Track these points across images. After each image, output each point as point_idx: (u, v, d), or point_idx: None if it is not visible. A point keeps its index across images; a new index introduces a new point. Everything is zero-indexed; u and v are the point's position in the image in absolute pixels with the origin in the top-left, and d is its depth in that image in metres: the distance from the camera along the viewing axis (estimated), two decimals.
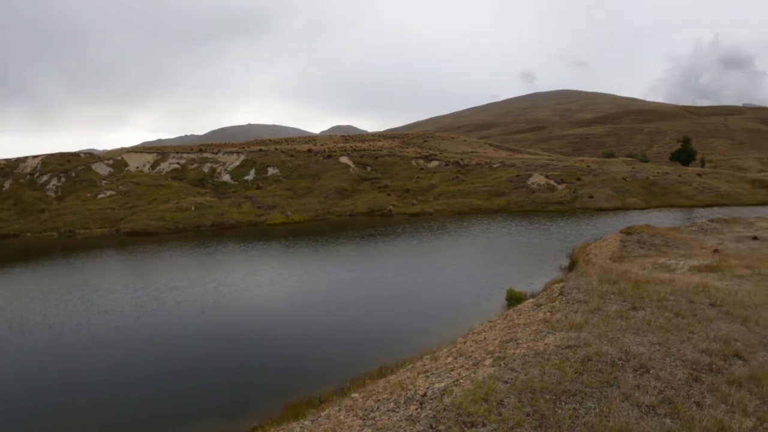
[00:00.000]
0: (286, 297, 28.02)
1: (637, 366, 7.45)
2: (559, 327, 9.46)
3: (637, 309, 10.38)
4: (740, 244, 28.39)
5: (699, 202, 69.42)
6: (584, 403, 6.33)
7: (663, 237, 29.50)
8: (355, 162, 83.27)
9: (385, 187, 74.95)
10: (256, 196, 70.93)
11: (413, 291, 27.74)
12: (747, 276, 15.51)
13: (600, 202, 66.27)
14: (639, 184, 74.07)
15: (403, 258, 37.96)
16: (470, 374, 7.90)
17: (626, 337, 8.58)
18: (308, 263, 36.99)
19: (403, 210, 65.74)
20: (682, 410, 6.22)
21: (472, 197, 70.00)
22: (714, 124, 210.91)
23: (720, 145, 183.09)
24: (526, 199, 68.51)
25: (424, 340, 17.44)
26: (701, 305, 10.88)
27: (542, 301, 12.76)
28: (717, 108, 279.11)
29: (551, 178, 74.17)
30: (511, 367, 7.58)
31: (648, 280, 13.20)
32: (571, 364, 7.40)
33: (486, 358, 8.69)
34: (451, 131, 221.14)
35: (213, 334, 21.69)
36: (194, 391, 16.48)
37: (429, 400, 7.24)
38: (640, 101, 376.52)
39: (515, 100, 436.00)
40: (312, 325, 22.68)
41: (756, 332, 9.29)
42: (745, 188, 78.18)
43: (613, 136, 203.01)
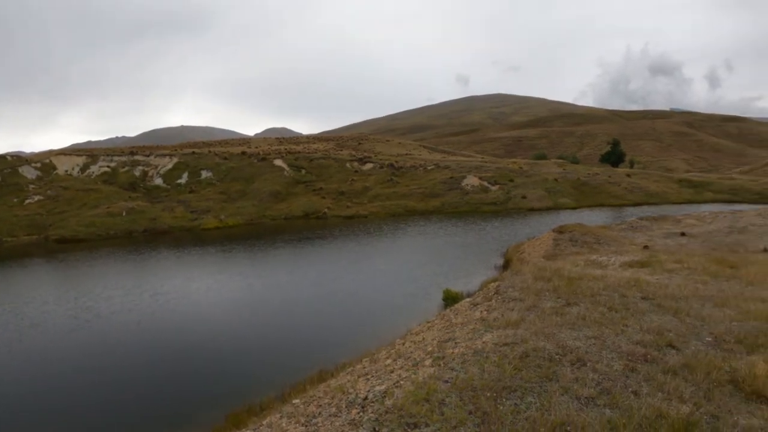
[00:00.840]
0: (225, 303, 27.71)
1: (575, 360, 7.65)
2: (497, 325, 9.58)
3: (571, 305, 10.67)
4: (669, 241, 29.84)
5: (628, 201, 73.02)
6: (525, 399, 6.45)
7: (594, 235, 30.61)
8: (290, 165, 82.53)
9: (319, 189, 74.69)
10: (189, 200, 69.16)
11: (352, 293, 28.03)
12: (676, 270, 16.19)
13: (532, 203, 68.31)
14: (570, 185, 76.81)
15: (341, 260, 38.10)
16: (410, 375, 7.89)
17: (562, 333, 8.81)
18: (246, 268, 36.58)
19: (338, 213, 65.74)
20: (621, 400, 6.41)
21: (406, 199, 70.65)
22: (642, 128, 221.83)
23: (648, 147, 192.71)
24: (461, 201, 69.78)
25: (363, 343, 17.44)
26: (634, 299, 11.29)
27: (479, 300, 12.89)
28: (645, 112, 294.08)
29: (485, 180, 75.84)
30: (450, 367, 7.62)
31: (581, 276, 13.60)
32: (509, 360, 7.52)
33: (425, 359, 8.70)
34: (386, 133, 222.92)
35: (151, 345, 21.24)
36: (133, 404, 16.09)
37: (370, 403, 7.18)
38: (571, 105, 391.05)
39: (450, 103, 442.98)
40: (251, 332, 22.55)
41: (687, 323, 9.69)
42: (673, 188, 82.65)
43: (545, 138, 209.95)
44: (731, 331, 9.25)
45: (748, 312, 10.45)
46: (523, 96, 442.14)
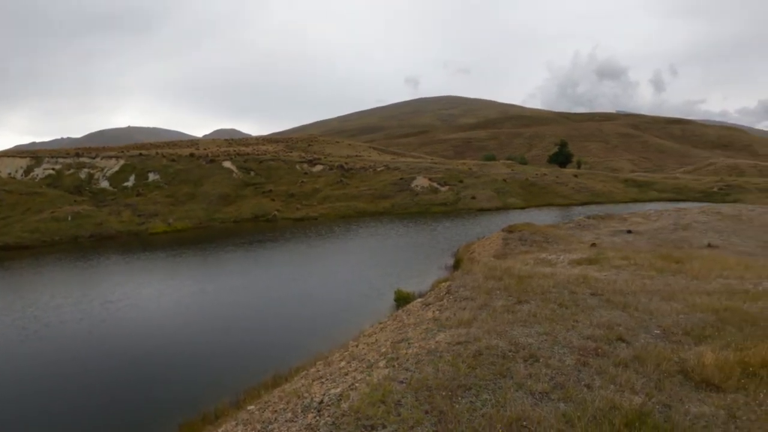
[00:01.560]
0: (178, 309, 27.19)
1: (527, 356, 7.79)
2: (449, 324, 9.67)
3: (522, 302, 10.86)
4: (616, 238, 30.72)
5: (576, 201, 75.15)
6: (480, 396, 6.53)
7: (543, 234, 31.25)
8: (239, 167, 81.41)
9: (269, 192, 73.95)
10: (136, 203, 67.24)
11: (305, 295, 28.03)
12: (624, 266, 16.68)
13: (482, 203, 69.39)
14: (519, 185, 78.36)
15: (293, 263, 37.97)
16: (365, 377, 7.89)
17: (514, 330, 8.95)
18: (198, 273, 35.91)
19: (288, 215, 65.28)
20: (574, 393, 6.57)
21: (356, 201, 70.71)
22: (589, 129, 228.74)
23: (595, 148, 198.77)
24: (410, 202, 70.28)
25: (317, 345, 17.34)
26: (583, 295, 11.58)
27: (431, 300, 12.98)
28: (592, 114, 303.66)
29: (434, 181, 76.59)
30: (405, 367, 7.65)
31: (531, 274, 13.85)
32: (463, 359, 7.60)
33: (379, 360, 8.71)
34: (337, 135, 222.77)
35: (103, 354, 20.62)
36: (83, 416, 15.61)
37: (326, 406, 7.14)
38: (520, 107, 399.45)
39: (400, 105, 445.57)
40: (205, 337, 22.25)
41: (636, 317, 10.00)
42: (619, 187, 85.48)
43: (494, 140, 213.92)
44: (679, 324, 9.61)
45: (694, 305, 10.87)
46: (472, 98, 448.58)
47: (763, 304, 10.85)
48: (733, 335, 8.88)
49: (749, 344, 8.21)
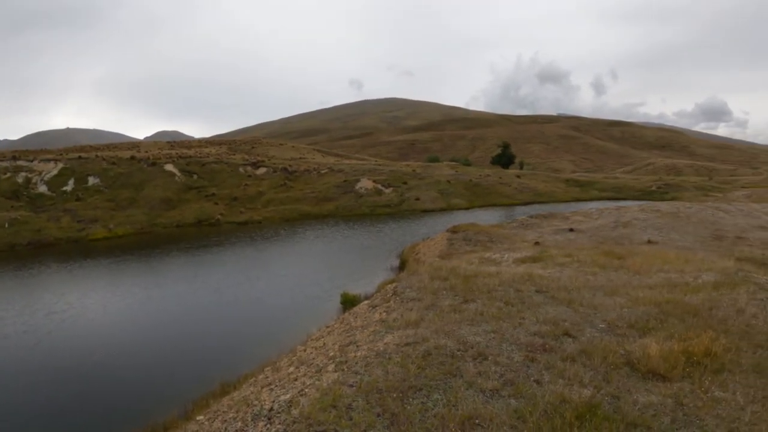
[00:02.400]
0: (124, 318, 26.38)
1: (476, 354, 7.89)
2: (397, 326, 9.69)
3: (469, 302, 10.98)
4: (558, 236, 31.44)
5: (519, 201, 76.79)
6: (431, 396, 6.58)
7: (487, 233, 31.71)
8: (181, 170, 79.46)
9: (212, 195, 72.54)
10: (76, 208, 64.59)
11: (252, 300, 27.76)
12: (567, 263, 17.08)
13: (426, 204, 70.00)
14: (462, 186, 79.40)
15: (240, 267, 37.39)
16: (314, 382, 7.83)
17: (462, 329, 9.05)
18: (143, 280, 34.73)
19: (232, 219, 64.18)
20: (524, 389, 6.71)
21: (300, 203, 70.21)
22: (531, 131, 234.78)
23: (537, 149, 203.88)
24: (355, 204, 70.25)
25: (265, 351, 17.12)
26: (528, 293, 11.82)
27: (377, 302, 12.99)
28: (534, 117, 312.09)
29: (379, 183, 76.80)
30: (354, 371, 7.64)
31: (476, 274, 14.02)
32: (412, 360, 7.65)
33: (328, 364, 8.65)
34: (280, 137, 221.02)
35: (48, 368, 19.80)
36: None
37: (277, 414, 7.03)
38: (463, 110, 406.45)
39: (344, 107, 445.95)
40: (153, 346, 21.74)
41: (581, 312, 10.29)
42: (560, 187, 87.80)
43: (438, 142, 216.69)
44: (623, 317, 9.95)
45: (636, 299, 11.26)
46: (416, 100, 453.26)
47: (703, 296, 11.32)
48: (676, 326, 9.28)
49: (692, 334, 8.59)
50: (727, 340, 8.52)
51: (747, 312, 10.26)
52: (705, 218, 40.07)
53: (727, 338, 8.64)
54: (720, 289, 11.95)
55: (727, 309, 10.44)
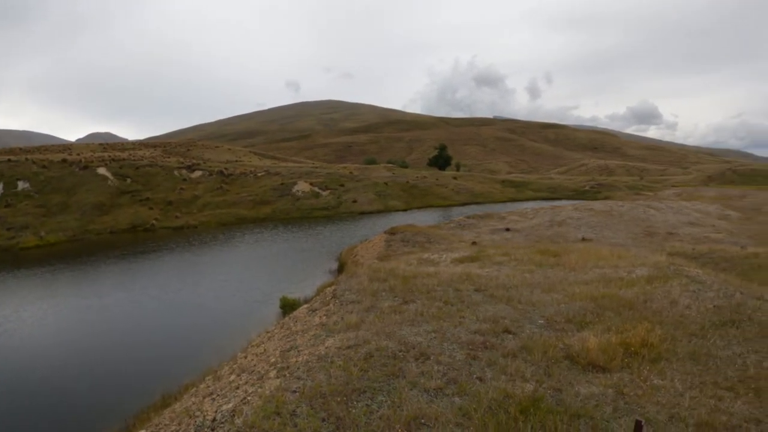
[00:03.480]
0: (61, 330, 25.41)
1: (418, 355, 7.95)
2: (337, 329, 9.66)
3: (408, 302, 11.07)
4: (495, 236, 32.10)
5: (455, 202, 78.10)
6: (375, 398, 6.60)
7: (425, 234, 32.05)
8: (115, 173, 76.75)
9: (146, 200, 70.40)
10: (5, 215, 61.32)
11: (192, 306, 27.33)
12: (504, 262, 17.45)
13: (364, 206, 70.19)
14: (400, 188, 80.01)
15: (179, 274, 36.52)
16: (257, 389, 7.70)
17: (403, 330, 9.10)
18: (81, 290, 33.35)
19: (167, 224, 62.48)
20: (468, 387, 6.80)
21: (237, 207, 69.17)
22: (468, 134, 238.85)
23: (473, 151, 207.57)
24: (292, 207, 69.78)
25: (206, 359, 16.77)
26: (467, 292, 12.00)
27: (317, 306, 12.93)
28: (471, 119, 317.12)
29: (316, 185, 76.53)
30: (296, 376, 7.56)
31: (415, 274, 14.14)
32: (355, 363, 7.65)
33: (270, 371, 8.53)
34: (216, 139, 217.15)
35: None
36: None
37: (219, 424, 6.86)
38: (401, 112, 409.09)
39: (281, 109, 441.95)
40: (91, 359, 20.98)
41: (519, 309, 10.53)
42: (496, 188, 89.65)
43: (375, 144, 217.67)
44: (561, 313, 10.25)
45: (573, 294, 11.61)
46: (354, 102, 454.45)
47: (637, 290, 11.78)
48: (613, 319, 9.65)
49: (628, 327, 8.95)
50: (663, 331, 8.92)
51: (680, 303, 10.73)
52: (637, 216, 41.73)
53: (663, 329, 9.05)
54: (653, 283, 12.45)
55: (661, 301, 10.89)
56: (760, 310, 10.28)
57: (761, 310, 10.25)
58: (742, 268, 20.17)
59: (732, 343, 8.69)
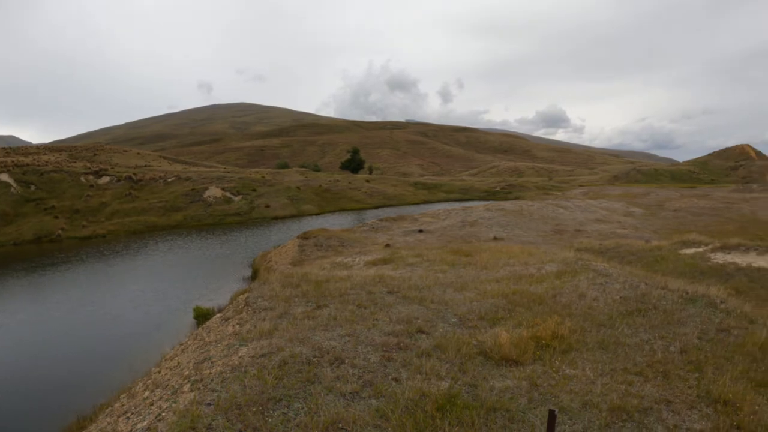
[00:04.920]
0: None
1: (333, 359, 7.92)
2: (250, 337, 9.50)
3: (322, 307, 11.02)
4: (409, 238, 32.47)
5: (369, 205, 78.75)
6: (292, 406, 6.54)
7: (338, 238, 32.03)
8: (18, 180, 72.01)
9: (52, 208, 66.53)
10: None
11: (106, 321, 26.13)
12: (417, 263, 17.71)
13: (276, 211, 69.55)
14: (312, 192, 79.75)
15: (92, 286, 34.73)
16: (171, 405, 7.46)
17: (317, 335, 9.05)
18: None
19: (74, 234, 59.24)
20: (384, 388, 6.83)
21: (147, 214, 66.74)
22: (381, 137, 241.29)
23: (386, 154, 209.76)
24: (204, 213, 68.20)
25: (121, 377, 16.10)
26: (380, 294, 12.08)
27: (230, 314, 12.70)
28: (384, 123, 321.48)
29: (227, 191, 75.13)
30: (211, 388, 7.37)
31: (328, 278, 14.11)
32: (269, 371, 7.54)
33: (184, 384, 8.29)
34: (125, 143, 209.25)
35: None
36: None
37: None
38: (314, 116, 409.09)
39: (192, 112, 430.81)
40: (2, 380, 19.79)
41: (432, 309, 10.70)
42: (409, 190, 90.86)
43: (288, 148, 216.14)
44: (473, 311, 10.49)
45: (485, 292, 11.91)
46: (266, 106, 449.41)
47: (547, 285, 12.24)
48: (524, 315, 9.99)
49: (539, 321, 9.29)
50: (572, 323, 9.32)
51: (588, 296, 11.24)
52: (546, 214, 43.28)
53: (572, 321, 9.46)
54: (562, 278, 12.96)
55: (570, 295, 11.36)
56: (664, 298, 10.94)
57: (665, 299, 10.90)
58: (646, 260, 21.33)
59: (639, 330, 9.19)
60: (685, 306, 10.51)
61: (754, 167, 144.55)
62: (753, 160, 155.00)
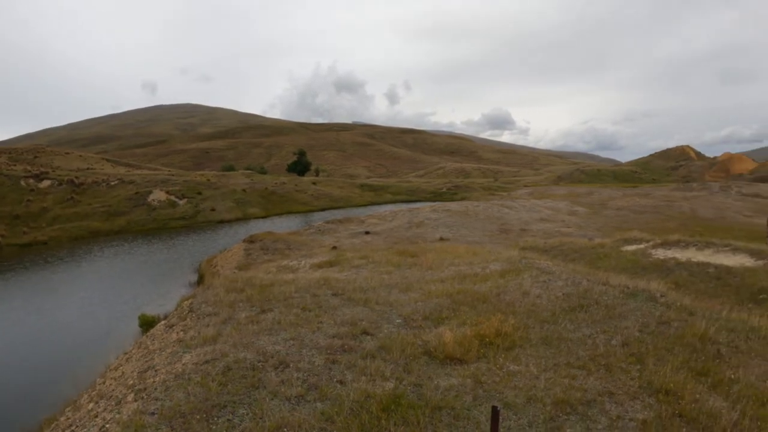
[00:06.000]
0: None
1: (277, 364, 7.88)
2: (194, 344, 9.38)
3: (266, 311, 10.96)
4: (355, 239, 32.51)
5: (316, 207, 78.71)
6: (237, 412, 6.48)
7: (285, 241, 31.87)
8: None
9: None
10: None
11: (51, 332, 25.30)
12: (363, 265, 17.77)
13: (222, 215, 68.76)
14: (258, 195, 79.07)
15: (32, 297, 33.41)
16: (114, 416, 7.32)
17: (261, 340, 8.99)
18: None
19: (14, 241, 56.75)
20: (329, 391, 6.84)
21: (90, 219, 64.75)
22: (327, 139, 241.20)
23: (333, 156, 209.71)
24: (148, 217, 66.76)
25: (65, 390, 15.59)
26: (325, 297, 12.07)
27: (174, 321, 12.50)
28: (330, 125, 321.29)
29: (172, 194, 73.79)
30: (154, 397, 7.24)
31: (273, 282, 14.02)
32: (213, 378, 7.46)
33: (128, 394, 8.13)
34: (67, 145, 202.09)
35: None
36: None
37: None
38: (260, 117, 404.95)
39: (136, 113, 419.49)
40: None
41: (377, 310, 10.76)
42: (356, 192, 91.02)
43: (234, 150, 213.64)
44: (418, 311, 10.60)
45: (429, 292, 12.04)
46: (212, 107, 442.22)
47: (491, 284, 12.44)
48: (468, 314, 10.14)
49: (483, 319, 9.44)
50: (516, 320, 9.49)
51: (532, 293, 11.47)
52: (492, 214, 43.99)
53: (516, 318, 9.63)
54: (506, 276, 13.19)
55: (514, 293, 11.57)
56: (605, 294, 11.25)
57: (607, 294, 11.21)
58: (590, 257, 21.89)
59: (581, 326, 9.42)
60: (627, 300, 10.81)
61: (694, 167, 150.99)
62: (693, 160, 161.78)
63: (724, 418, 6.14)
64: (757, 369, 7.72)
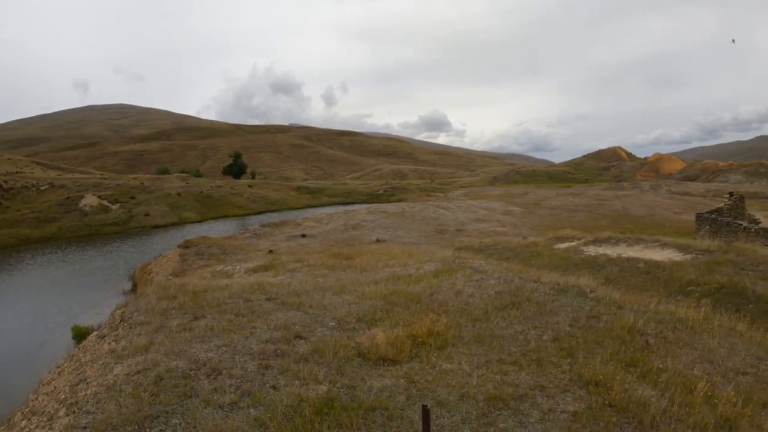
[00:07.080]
0: None
1: (210, 371, 7.77)
2: (126, 354, 9.16)
3: (199, 318, 10.78)
4: (291, 243, 32.37)
5: (251, 210, 78.24)
6: (170, 422, 6.38)
7: (220, 246, 31.45)
8: None
9: None
10: None
11: None
12: (298, 269, 17.70)
13: (156, 220, 67.32)
14: (194, 198, 77.72)
15: None
16: None
17: (193, 347, 8.86)
18: None
19: None
20: (262, 397, 6.81)
21: (20, 226, 61.97)
22: (264, 141, 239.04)
23: (269, 158, 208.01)
24: (80, 223, 64.53)
25: None
26: (258, 301, 11.97)
27: (106, 332, 12.15)
28: (267, 126, 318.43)
29: (104, 198, 71.63)
30: (86, 410, 7.04)
31: (206, 288, 13.81)
32: (144, 388, 7.30)
33: (60, 409, 7.89)
34: None
35: None
36: None
37: None
38: (195, 118, 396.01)
39: (67, 113, 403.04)
40: None
41: (311, 314, 10.74)
42: (292, 195, 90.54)
43: (168, 152, 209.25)
44: (351, 313, 10.64)
45: (363, 294, 12.10)
46: (145, 107, 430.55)
47: (425, 284, 12.60)
48: (401, 314, 10.24)
49: (415, 319, 9.57)
50: (449, 319, 9.65)
51: (465, 292, 11.68)
52: (428, 216, 44.48)
53: (449, 317, 9.78)
54: (440, 276, 13.39)
55: (447, 292, 11.77)
56: (537, 291, 11.56)
57: (538, 291, 11.53)
58: (523, 256, 22.44)
59: (513, 323, 9.64)
60: (558, 297, 11.15)
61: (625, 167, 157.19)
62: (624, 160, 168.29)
63: (653, 406, 6.38)
64: (685, 358, 8.10)
